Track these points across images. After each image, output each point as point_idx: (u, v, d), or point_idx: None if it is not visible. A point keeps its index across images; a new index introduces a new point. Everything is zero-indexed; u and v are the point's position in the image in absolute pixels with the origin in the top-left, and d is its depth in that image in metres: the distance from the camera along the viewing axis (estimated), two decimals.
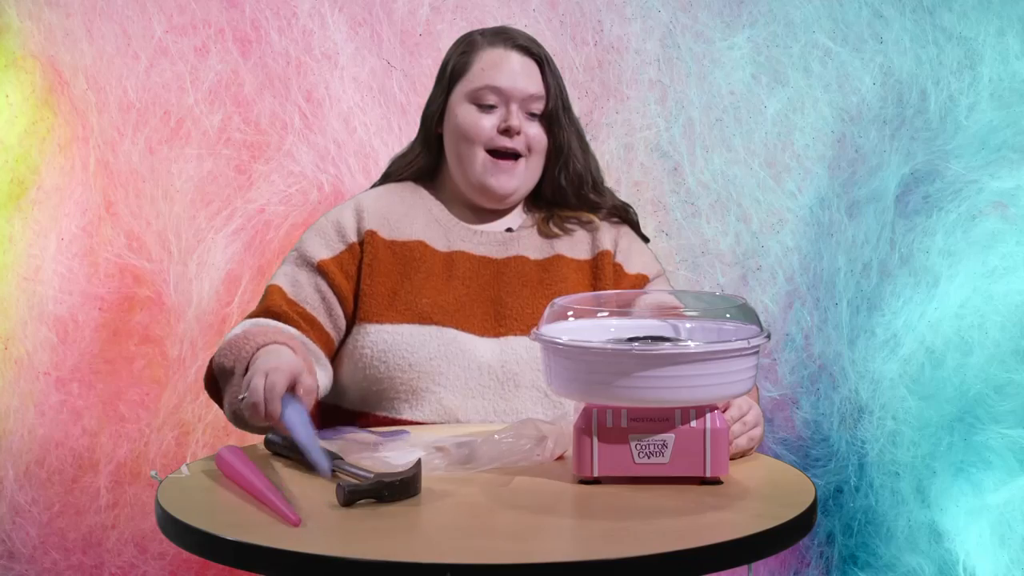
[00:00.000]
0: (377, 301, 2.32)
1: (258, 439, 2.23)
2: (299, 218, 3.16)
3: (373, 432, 2.06)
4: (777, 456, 3.10)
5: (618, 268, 2.42)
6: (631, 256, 2.44)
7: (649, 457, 1.80)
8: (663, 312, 1.95)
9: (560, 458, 1.94)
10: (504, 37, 2.41)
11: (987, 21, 3.18)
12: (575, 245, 2.42)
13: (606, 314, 1.92)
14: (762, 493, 1.79)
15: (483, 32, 2.44)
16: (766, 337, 1.83)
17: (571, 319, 1.88)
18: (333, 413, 2.36)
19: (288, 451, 1.96)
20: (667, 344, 1.79)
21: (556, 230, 2.42)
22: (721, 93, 3.17)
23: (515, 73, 2.37)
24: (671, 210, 3.19)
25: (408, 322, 2.28)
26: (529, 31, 3.16)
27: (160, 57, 3.13)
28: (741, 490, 1.80)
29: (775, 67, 3.19)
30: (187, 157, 3.14)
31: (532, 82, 2.38)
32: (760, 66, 3.17)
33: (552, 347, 1.83)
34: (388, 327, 2.28)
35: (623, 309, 1.96)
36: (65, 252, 3.13)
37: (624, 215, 2.49)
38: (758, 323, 1.86)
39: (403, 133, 3.16)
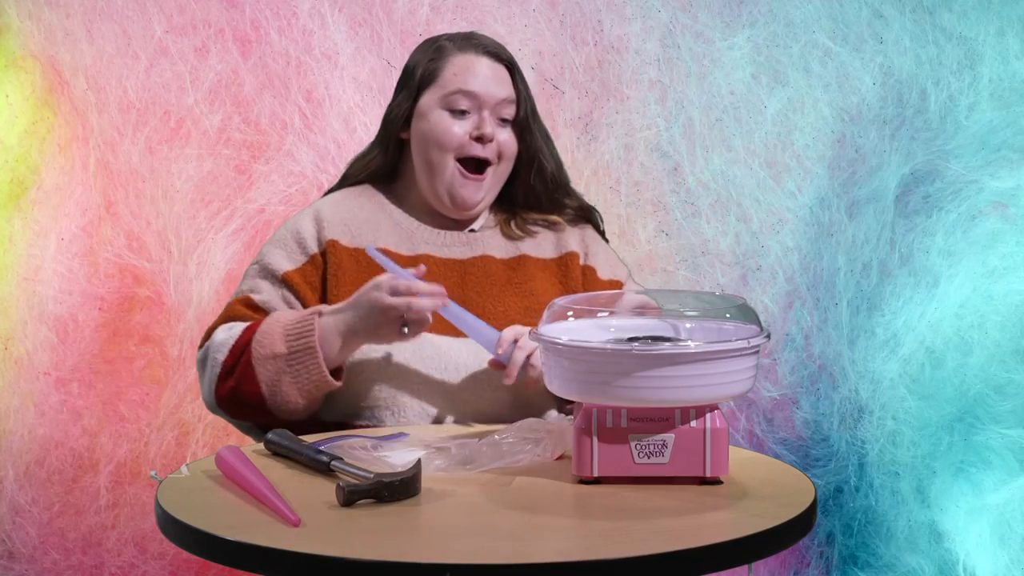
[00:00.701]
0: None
1: (256, 440, 2.23)
2: None
3: (371, 437, 2.06)
4: (777, 456, 3.10)
5: (588, 271, 2.42)
6: (599, 260, 2.44)
7: (649, 457, 1.80)
8: (644, 313, 1.95)
9: (560, 458, 1.94)
10: (473, 43, 2.39)
11: (987, 21, 3.18)
12: (540, 245, 2.42)
13: (606, 314, 1.92)
14: (762, 493, 1.79)
15: (451, 38, 2.42)
16: (766, 337, 1.83)
17: (571, 319, 1.88)
18: (315, 428, 2.33)
19: (288, 451, 1.96)
20: (667, 344, 1.79)
21: (519, 231, 2.42)
22: (721, 93, 3.17)
23: (487, 78, 2.35)
24: (671, 210, 3.19)
25: None
26: (529, 31, 3.16)
27: (160, 57, 3.13)
28: (741, 490, 1.80)
29: (775, 67, 3.19)
30: (187, 157, 3.14)
31: (504, 87, 2.36)
32: (760, 66, 3.17)
33: (552, 347, 1.83)
34: None
35: (623, 309, 1.96)
36: (65, 252, 3.13)
37: (588, 216, 2.48)
38: (758, 323, 1.86)
39: None
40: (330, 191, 2.51)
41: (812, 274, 3.21)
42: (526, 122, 2.38)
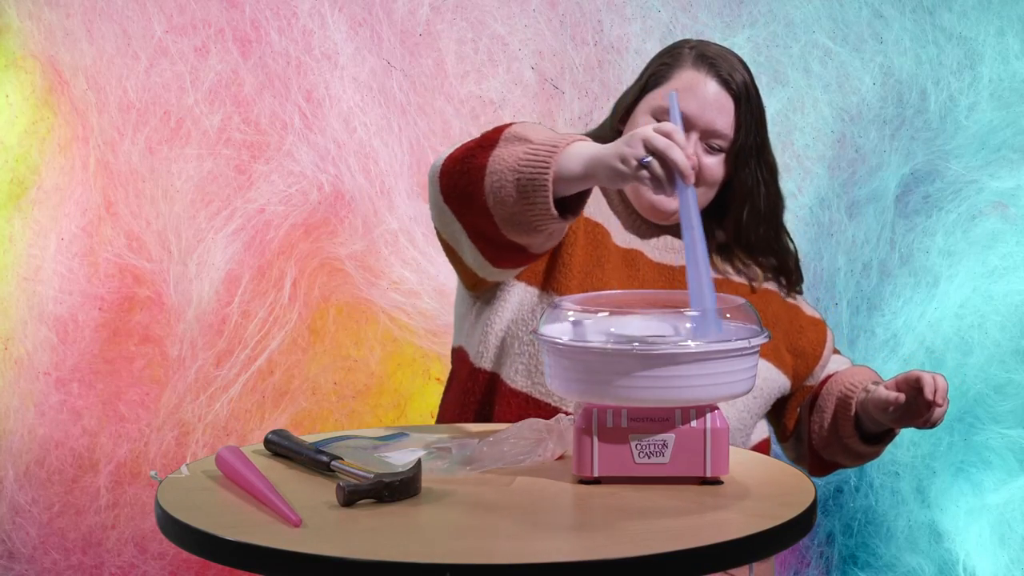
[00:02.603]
0: (571, 274, 2.24)
1: (257, 440, 2.22)
2: (299, 218, 3.16)
3: (371, 437, 2.06)
4: (777, 456, 3.09)
5: (793, 310, 2.39)
6: (805, 304, 2.41)
7: (649, 457, 1.80)
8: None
9: (560, 458, 1.94)
10: (709, 63, 2.27)
11: (987, 21, 3.18)
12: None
13: (606, 314, 1.92)
14: (762, 493, 1.79)
15: (693, 46, 2.31)
16: (766, 337, 1.83)
17: (571, 319, 1.88)
18: (489, 386, 2.26)
19: (288, 451, 1.96)
20: (667, 344, 1.79)
21: (727, 267, 2.36)
22: None
23: (706, 103, 2.25)
24: None
25: None
26: (529, 31, 3.16)
27: (160, 57, 3.13)
28: (741, 490, 1.80)
29: (775, 67, 3.19)
30: (187, 157, 3.14)
31: (721, 117, 2.25)
32: (760, 66, 3.17)
33: (552, 347, 1.83)
34: None
35: (623, 309, 1.96)
36: (65, 252, 3.13)
37: (785, 274, 2.41)
38: (758, 323, 1.86)
39: (403, 133, 3.16)
40: None
41: (812, 274, 3.21)
42: (743, 155, 2.28)
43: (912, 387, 2.15)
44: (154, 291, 3.14)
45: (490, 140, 2.05)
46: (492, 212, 2.02)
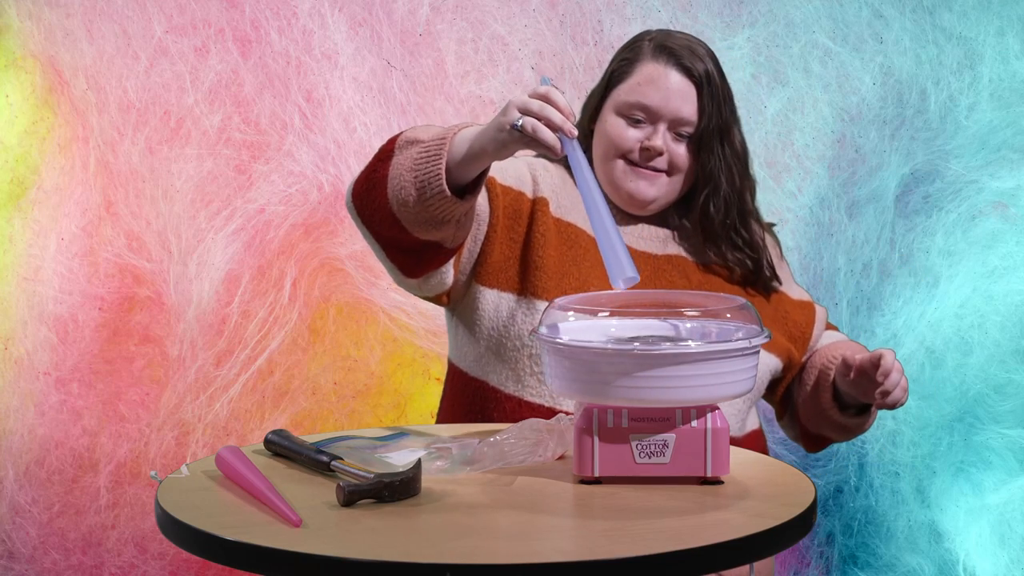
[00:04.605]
0: (548, 276, 2.26)
1: (257, 440, 2.22)
2: (299, 218, 3.16)
3: (371, 437, 2.06)
4: (777, 456, 3.10)
5: (778, 297, 2.41)
6: (791, 286, 2.44)
7: (650, 457, 1.81)
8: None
9: (561, 458, 1.94)
10: (668, 53, 2.30)
11: (987, 21, 3.18)
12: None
13: (606, 314, 1.92)
14: (762, 493, 1.79)
15: (652, 38, 2.34)
16: (766, 337, 1.83)
17: (572, 319, 1.88)
18: (482, 393, 2.28)
19: (288, 451, 1.96)
20: (667, 344, 1.79)
21: (715, 258, 2.37)
22: None
23: (669, 93, 2.28)
24: None
25: None
26: (529, 31, 3.16)
27: (160, 57, 3.13)
28: (741, 490, 1.80)
29: (775, 67, 3.19)
30: (187, 157, 3.14)
31: (685, 105, 2.29)
32: (760, 66, 3.17)
33: (552, 347, 1.83)
34: None
35: (623, 309, 1.96)
36: (65, 252, 3.13)
37: (754, 265, 2.39)
38: (758, 323, 1.86)
39: None
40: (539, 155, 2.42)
41: (812, 274, 3.21)
42: (705, 141, 2.31)
43: (873, 364, 2.19)
44: (154, 291, 3.14)
45: (387, 152, 2.12)
46: (398, 216, 2.08)
